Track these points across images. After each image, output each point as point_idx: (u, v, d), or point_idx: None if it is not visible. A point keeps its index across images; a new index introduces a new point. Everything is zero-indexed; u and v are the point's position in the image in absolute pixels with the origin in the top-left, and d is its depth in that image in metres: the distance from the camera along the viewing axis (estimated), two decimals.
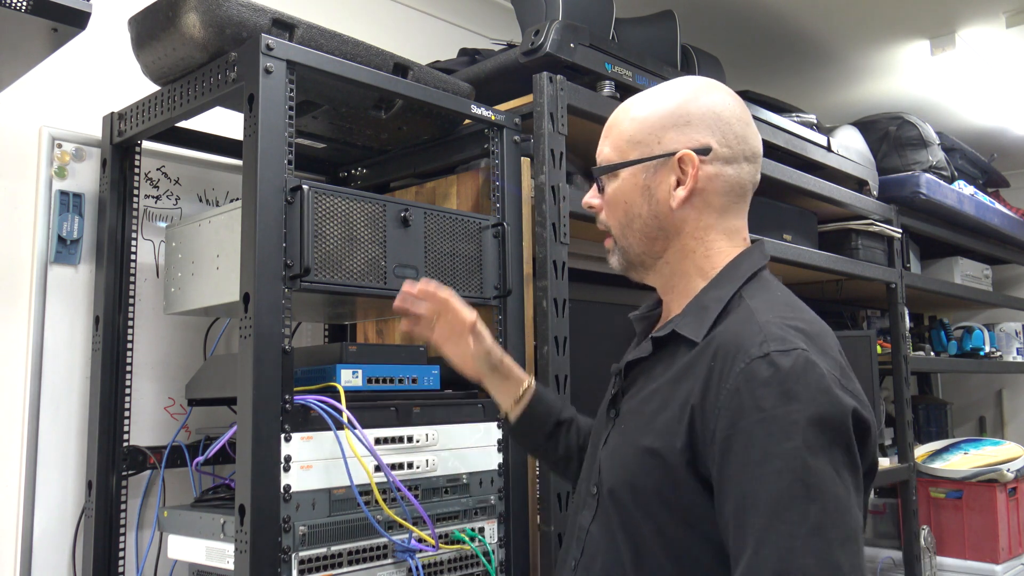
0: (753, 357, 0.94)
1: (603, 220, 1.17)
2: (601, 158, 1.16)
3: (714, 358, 0.99)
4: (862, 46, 3.31)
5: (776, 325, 0.98)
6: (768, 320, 0.99)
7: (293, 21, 1.49)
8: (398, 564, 1.49)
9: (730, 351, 0.97)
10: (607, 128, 1.17)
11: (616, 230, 1.15)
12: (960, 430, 4.73)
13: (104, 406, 1.71)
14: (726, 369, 0.96)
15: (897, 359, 3.03)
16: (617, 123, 1.16)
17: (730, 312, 1.05)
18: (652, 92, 1.17)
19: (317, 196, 1.42)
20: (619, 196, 1.13)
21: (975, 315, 4.48)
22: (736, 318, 1.02)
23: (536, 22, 1.91)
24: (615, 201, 1.14)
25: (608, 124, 1.17)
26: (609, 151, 1.15)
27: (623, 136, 1.14)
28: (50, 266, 1.78)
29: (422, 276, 1.58)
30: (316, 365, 1.56)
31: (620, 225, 1.15)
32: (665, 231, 1.12)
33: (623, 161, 1.13)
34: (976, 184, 3.77)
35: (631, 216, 1.13)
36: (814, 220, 2.81)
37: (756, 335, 0.97)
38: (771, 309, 1.03)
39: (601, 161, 1.16)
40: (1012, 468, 3.14)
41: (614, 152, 1.14)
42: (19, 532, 1.70)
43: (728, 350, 0.97)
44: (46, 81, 1.82)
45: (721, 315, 1.05)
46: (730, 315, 1.04)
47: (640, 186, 1.12)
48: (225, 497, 1.63)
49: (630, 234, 1.14)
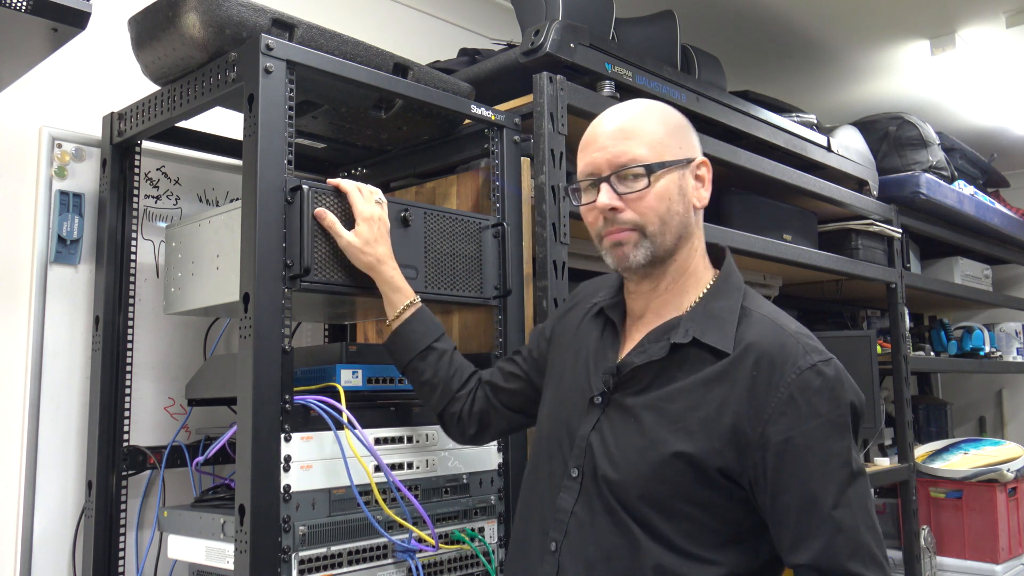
0: (803, 368, 1.10)
1: (629, 219, 1.19)
2: (631, 157, 1.19)
3: (756, 368, 1.11)
4: (862, 46, 3.31)
5: (804, 336, 1.15)
6: (795, 331, 1.15)
7: (293, 21, 1.49)
8: (398, 564, 1.49)
9: (775, 362, 1.11)
10: (626, 131, 1.21)
11: (654, 227, 1.19)
12: (960, 430, 4.73)
13: (104, 406, 1.71)
14: (775, 379, 1.10)
15: (897, 359, 3.03)
16: (640, 125, 1.21)
17: (742, 321, 1.16)
18: (648, 103, 1.25)
19: (317, 196, 1.42)
20: (663, 193, 1.19)
21: (975, 315, 4.48)
22: (761, 329, 1.15)
23: (536, 22, 1.91)
24: (659, 197, 1.19)
25: (624, 127, 1.21)
26: (645, 151, 1.19)
27: (655, 137, 1.20)
28: (50, 266, 1.78)
29: (422, 276, 1.58)
30: (316, 365, 1.57)
31: (660, 221, 1.19)
32: (688, 230, 1.22)
33: (663, 161, 1.19)
34: (976, 184, 3.77)
35: (671, 213, 1.20)
36: (814, 220, 2.81)
37: (795, 346, 1.12)
38: (785, 319, 1.18)
39: (632, 161, 1.19)
40: (1012, 468, 3.15)
41: (650, 152, 1.19)
42: (19, 532, 1.70)
43: (773, 361, 1.11)
44: (46, 81, 1.82)
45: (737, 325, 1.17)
46: (748, 325, 1.16)
47: (677, 185, 1.21)
48: (225, 497, 1.63)
49: (667, 231, 1.20)
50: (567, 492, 1.20)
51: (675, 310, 1.23)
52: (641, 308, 1.26)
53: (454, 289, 1.64)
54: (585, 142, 1.25)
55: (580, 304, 1.40)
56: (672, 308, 1.23)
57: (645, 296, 1.25)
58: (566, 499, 1.20)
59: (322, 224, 1.42)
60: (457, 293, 1.64)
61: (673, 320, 1.20)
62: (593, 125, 1.26)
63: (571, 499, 1.20)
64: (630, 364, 1.20)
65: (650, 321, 1.24)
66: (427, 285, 1.59)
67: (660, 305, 1.24)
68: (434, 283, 1.60)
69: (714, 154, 2.16)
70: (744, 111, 2.38)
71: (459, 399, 1.47)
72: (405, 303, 1.47)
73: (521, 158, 1.80)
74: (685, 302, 1.23)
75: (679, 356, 1.16)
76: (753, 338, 1.14)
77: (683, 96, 2.12)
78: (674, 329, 1.18)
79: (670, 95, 2.07)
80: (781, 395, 1.09)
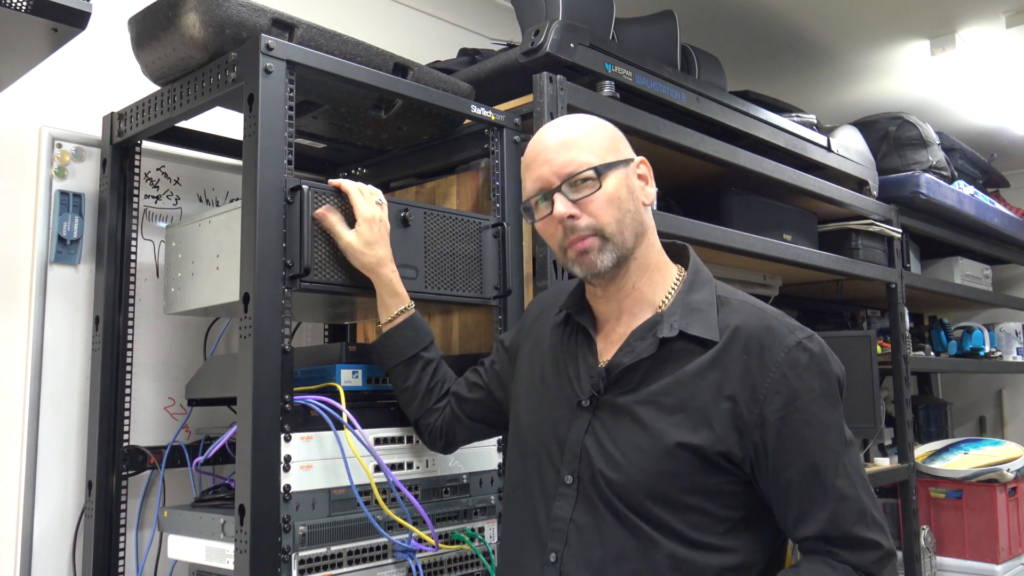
0: (790, 347, 1.13)
1: (587, 224, 1.21)
2: (578, 164, 1.21)
3: (746, 351, 1.14)
4: (862, 46, 3.31)
5: (783, 316, 1.19)
6: (775, 313, 1.19)
7: (293, 21, 1.49)
8: (398, 564, 1.49)
9: (764, 343, 1.14)
10: (567, 142, 1.24)
11: (612, 227, 1.21)
12: (960, 430, 4.73)
13: (104, 406, 1.71)
14: (766, 360, 1.13)
15: (897, 359, 3.03)
16: (579, 135, 1.24)
17: (721, 309, 1.20)
18: (580, 116, 1.30)
19: (317, 196, 1.42)
20: (613, 194, 1.21)
21: (975, 315, 4.48)
22: (743, 314, 1.18)
23: (536, 22, 1.91)
24: (610, 199, 1.21)
25: (565, 139, 1.24)
26: (590, 156, 1.21)
27: (597, 143, 1.23)
28: (50, 266, 1.78)
29: (422, 276, 1.58)
30: (316, 365, 1.56)
31: (616, 222, 1.21)
32: (643, 227, 1.25)
33: (607, 162, 1.22)
34: (976, 184, 3.77)
35: (624, 211, 1.22)
36: (814, 220, 2.81)
37: (779, 327, 1.16)
38: (762, 304, 1.22)
39: (579, 166, 1.21)
40: (1012, 468, 3.15)
41: (595, 157, 1.22)
42: (19, 532, 1.70)
43: (761, 343, 1.14)
44: (46, 81, 1.82)
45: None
46: (728, 312, 1.19)
47: (626, 186, 1.24)
48: (225, 497, 1.63)
49: (625, 229, 1.22)
50: (563, 500, 1.20)
51: (648, 307, 1.24)
52: (612, 310, 1.27)
53: (454, 289, 1.64)
54: (528, 161, 1.28)
55: (543, 314, 1.41)
56: (645, 305, 1.25)
57: (614, 298, 1.26)
58: (563, 507, 1.20)
59: (322, 225, 1.42)
60: (457, 293, 1.64)
61: (654, 317, 1.22)
62: (532, 144, 1.29)
63: (568, 506, 1.19)
64: (620, 364, 1.20)
65: (626, 321, 1.25)
66: (427, 285, 1.59)
67: (632, 304, 1.25)
68: (434, 283, 1.60)
69: (714, 154, 2.16)
70: (744, 111, 2.38)
71: (434, 411, 1.48)
72: (400, 308, 1.47)
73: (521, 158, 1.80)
74: (657, 298, 1.24)
75: (666, 351, 1.18)
76: (738, 323, 1.17)
77: (683, 96, 2.12)
78: (658, 325, 1.20)
79: (670, 95, 2.07)
80: (773, 374, 1.12)
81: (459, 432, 1.49)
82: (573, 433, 1.22)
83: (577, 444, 1.20)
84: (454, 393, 1.49)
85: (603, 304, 1.28)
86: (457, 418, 1.48)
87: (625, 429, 1.17)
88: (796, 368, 1.12)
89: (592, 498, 1.17)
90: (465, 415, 1.48)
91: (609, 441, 1.18)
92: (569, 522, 1.18)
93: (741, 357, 1.14)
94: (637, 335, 1.21)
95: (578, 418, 1.22)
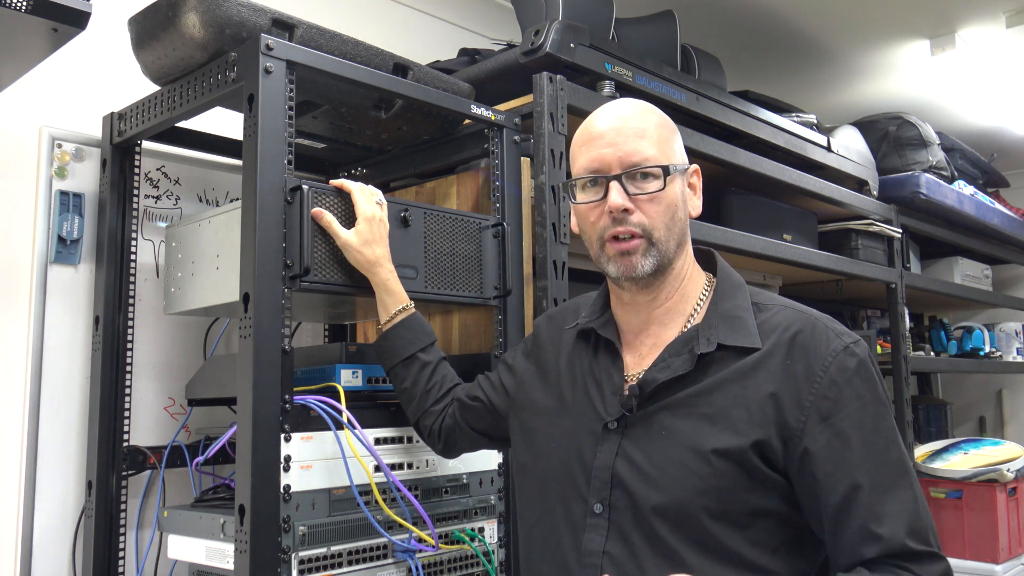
0: (837, 352, 1.07)
1: (638, 222, 1.14)
2: (644, 156, 1.14)
3: (789, 356, 1.08)
4: (862, 46, 3.31)
5: (829, 319, 1.13)
6: (819, 315, 1.13)
7: (293, 21, 1.49)
8: (398, 564, 1.49)
9: (808, 348, 1.08)
10: (636, 129, 1.16)
11: (661, 232, 1.15)
12: (960, 430, 4.73)
13: (104, 406, 1.71)
14: (813, 365, 1.07)
15: (897, 359, 3.03)
16: (649, 125, 1.17)
17: (759, 315, 1.14)
18: (646, 104, 1.21)
19: (317, 196, 1.42)
20: (670, 198, 1.16)
21: (975, 315, 4.48)
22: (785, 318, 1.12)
23: (536, 22, 1.91)
24: (668, 204, 1.15)
25: (634, 125, 1.16)
26: (658, 152, 1.15)
27: (665, 139, 1.17)
28: (50, 266, 1.78)
29: (422, 275, 1.58)
30: (316, 365, 1.57)
31: (666, 227, 1.15)
32: (685, 237, 1.19)
33: (675, 164, 1.17)
34: (976, 184, 3.77)
35: (675, 219, 1.17)
36: (814, 220, 2.81)
37: (824, 331, 1.10)
38: (804, 306, 1.16)
39: (645, 160, 1.14)
40: (1012, 468, 3.14)
41: (660, 154, 1.15)
42: (19, 532, 1.70)
43: (806, 347, 1.08)
44: (46, 81, 1.82)
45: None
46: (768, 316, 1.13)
47: (681, 191, 1.18)
48: (225, 497, 1.63)
49: (671, 238, 1.16)
50: (593, 531, 1.11)
51: (680, 317, 1.18)
52: (641, 321, 1.20)
53: (454, 289, 1.64)
54: (587, 136, 1.18)
55: (556, 333, 1.33)
56: (677, 315, 1.18)
57: (644, 308, 1.19)
58: (594, 539, 1.11)
59: (320, 223, 1.42)
60: (457, 293, 1.64)
61: (689, 332, 1.15)
62: (593, 120, 1.19)
63: (599, 538, 1.10)
64: (654, 380, 1.12)
65: (655, 332, 1.19)
66: (427, 285, 1.59)
67: (663, 314, 1.19)
68: (434, 283, 1.60)
69: (714, 154, 2.16)
70: (744, 111, 2.38)
71: (432, 414, 1.45)
72: (398, 308, 1.46)
73: (521, 158, 1.80)
74: (687, 308, 1.18)
75: (703, 363, 1.11)
76: (781, 327, 1.11)
77: (683, 96, 2.12)
78: (694, 340, 1.13)
79: (670, 95, 2.07)
80: (823, 380, 1.06)
81: (460, 438, 1.45)
82: (601, 458, 1.13)
83: (606, 470, 1.12)
84: (457, 399, 1.44)
85: (632, 314, 1.21)
86: (459, 426, 1.44)
87: (662, 446, 1.09)
88: (844, 372, 1.06)
89: (626, 527, 1.09)
90: (467, 424, 1.43)
91: (646, 462, 1.10)
92: (603, 555, 1.09)
93: (784, 362, 1.08)
94: (672, 351, 1.14)
95: (606, 441, 1.14)
